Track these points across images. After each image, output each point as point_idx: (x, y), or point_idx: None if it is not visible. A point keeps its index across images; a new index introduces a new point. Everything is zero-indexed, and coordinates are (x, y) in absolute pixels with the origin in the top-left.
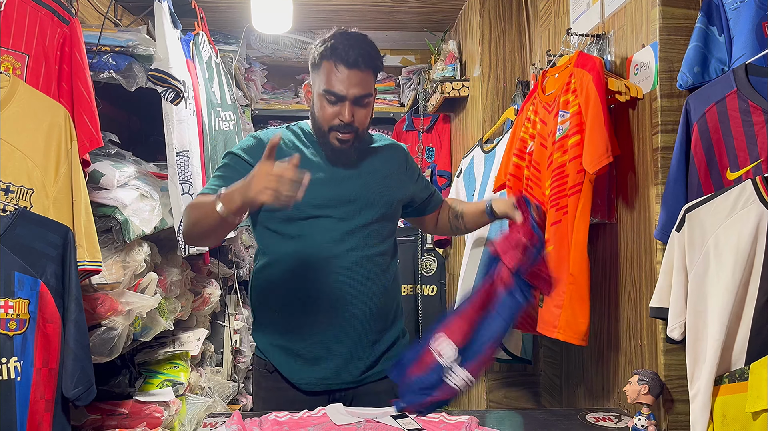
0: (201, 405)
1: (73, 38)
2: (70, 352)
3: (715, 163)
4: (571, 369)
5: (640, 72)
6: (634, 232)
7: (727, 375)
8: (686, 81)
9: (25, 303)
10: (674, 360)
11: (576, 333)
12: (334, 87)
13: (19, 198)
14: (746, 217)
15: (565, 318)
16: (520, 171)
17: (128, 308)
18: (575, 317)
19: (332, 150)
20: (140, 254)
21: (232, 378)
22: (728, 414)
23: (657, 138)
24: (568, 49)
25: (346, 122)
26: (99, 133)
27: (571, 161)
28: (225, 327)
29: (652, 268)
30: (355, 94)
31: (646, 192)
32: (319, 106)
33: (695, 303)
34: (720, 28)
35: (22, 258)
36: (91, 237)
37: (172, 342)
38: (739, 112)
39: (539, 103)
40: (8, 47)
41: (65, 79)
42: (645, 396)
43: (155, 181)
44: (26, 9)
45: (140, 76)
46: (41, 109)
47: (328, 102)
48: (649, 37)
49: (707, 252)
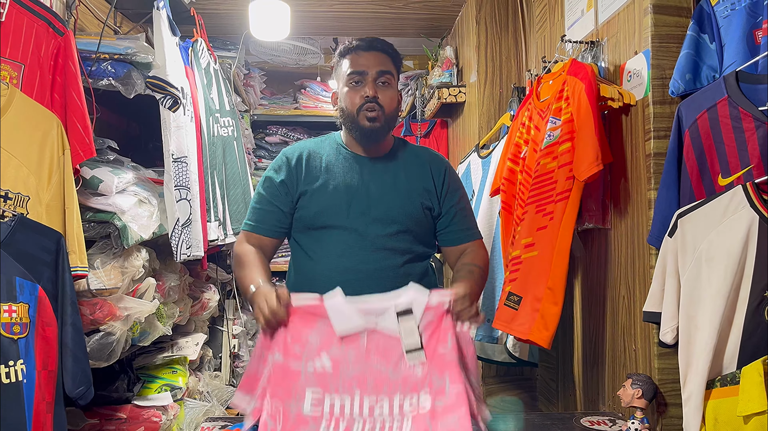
0: (199, 410)
1: (67, 49)
2: (70, 353)
3: (706, 169)
4: (567, 373)
5: (633, 79)
6: (627, 238)
7: (719, 379)
8: (678, 88)
9: (26, 308)
10: (668, 364)
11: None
12: (356, 67)
13: (16, 205)
14: (737, 223)
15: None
16: (514, 175)
17: (127, 313)
18: (545, 321)
19: (362, 132)
20: (138, 259)
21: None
22: (720, 418)
23: (650, 144)
24: (562, 55)
25: (371, 96)
26: (92, 143)
27: (560, 168)
28: (223, 332)
29: (646, 273)
30: (375, 68)
31: (640, 197)
32: (345, 95)
33: (687, 308)
34: (711, 36)
35: (22, 263)
36: (81, 243)
37: (171, 347)
38: (730, 118)
39: (534, 109)
40: (6, 56)
41: (58, 89)
42: (639, 399)
43: (153, 187)
44: (23, 20)
45: (139, 83)
46: (36, 117)
47: (353, 85)
48: (642, 45)
49: (699, 257)
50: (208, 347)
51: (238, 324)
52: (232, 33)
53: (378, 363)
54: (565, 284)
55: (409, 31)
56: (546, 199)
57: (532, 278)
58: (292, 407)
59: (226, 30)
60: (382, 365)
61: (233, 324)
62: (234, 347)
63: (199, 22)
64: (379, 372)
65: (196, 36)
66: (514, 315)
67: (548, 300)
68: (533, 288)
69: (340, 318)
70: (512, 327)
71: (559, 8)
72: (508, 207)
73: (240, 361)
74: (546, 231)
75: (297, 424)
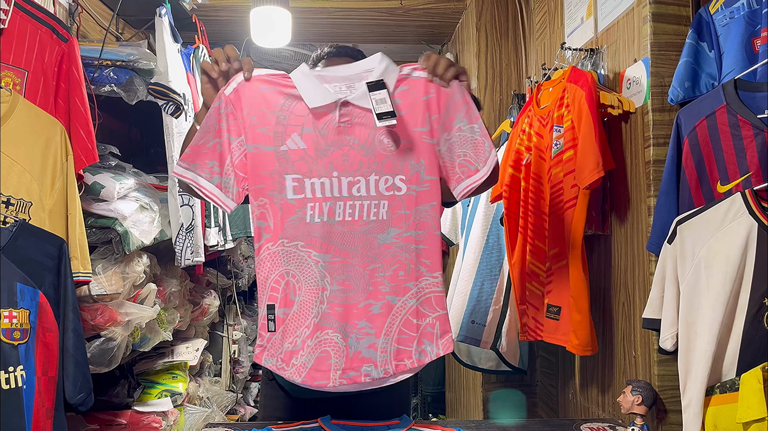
0: (199, 416)
1: (71, 56)
2: (72, 359)
3: (705, 176)
4: (567, 380)
5: (633, 86)
6: (627, 244)
7: (719, 386)
8: (677, 95)
9: (27, 314)
10: (667, 371)
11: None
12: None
13: (18, 210)
14: (736, 230)
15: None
16: (517, 182)
17: (127, 319)
18: (574, 331)
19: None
20: (139, 265)
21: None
22: (720, 424)
23: (649, 151)
24: (562, 63)
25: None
26: (95, 149)
27: (566, 176)
28: (224, 337)
29: (645, 280)
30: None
31: (639, 204)
32: None
33: (687, 315)
34: (710, 44)
35: (23, 269)
36: (83, 249)
37: (171, 353)
38: (729, 126)
39: (534, 116)
40: (9, 63)
41: (62, 95)
42: (638, 406)
43: (155, 192)
44: (27, 26)
45: (141, 89)
46: (39, 123)
47: None
48: (641, 53)
49: (698, 264)
50: (208, 353)
51: (238, 329)
52: (233, 40)
53: (352, 141)
54: (586, 291)
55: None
56: (561, 208)
57: (564, 287)
58: (276, 198)
59: (227, 37)
60: (357, 143)
61: (233, 330)
62: (234, 353)
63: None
64: (354, 151)
65: (198, 42)
66: (557, 326)
67: (573, 309)
68: (566, 298)
69: (310, 88)
70: (558, 338)
71: (559, 16)
72: (512, 214)
73: (240, 367)
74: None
75: (284, 214)
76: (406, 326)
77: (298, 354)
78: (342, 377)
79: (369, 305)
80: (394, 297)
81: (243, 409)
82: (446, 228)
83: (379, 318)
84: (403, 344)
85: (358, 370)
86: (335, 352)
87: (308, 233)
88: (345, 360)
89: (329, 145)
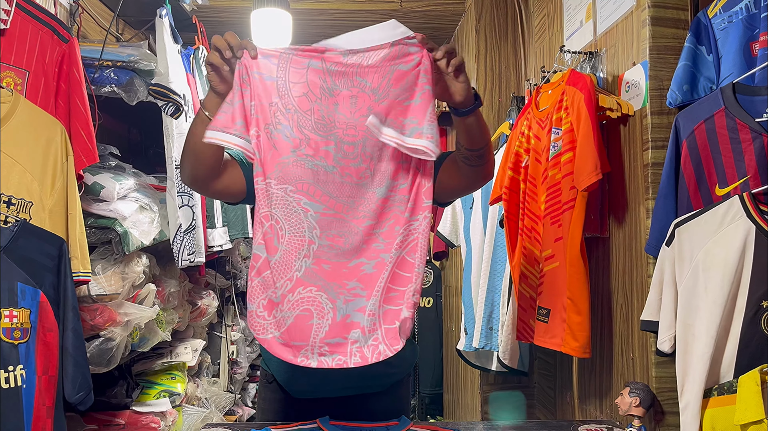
0: (197, 416)
1: (71, 56)
2: (71, 358)
3: (704, 179)
4: (565, 381)
5: (631, 89)
6: (625, 247)
7: (716, 388)
8: (675, 99)
9: (27, 313)
10: (665, 373)
11: (574, 349)
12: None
13: (19, 210)
14: (734, 233)
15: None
16: (516, 184)
17: (127, 319)
18: (572, 332)
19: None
20: (139, 265)
21: (228, 389)
22: (717, 426)
23: (647, 154)
24: (561, 66)
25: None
26: (95, 149)
27: (564, 178)
28: (222, 338)
29: (644, 282)
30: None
31: (637, 207)
32: None
33: (684, 317)
34: (708, 48)
35: (24, 269)
36: (83, 249)
37: (170, 353)
38: (727, 129)
39: (533, 119)
40: (10, 63)
41: (62, 96)
42: (636, 408)
43: (154, 193)
44: (28, 27)
45: (141, 90)
46: (40, 124)
47: None
48: (640, 56)
49: (696, 266)
50: (207, 353)
51: (236, 330)
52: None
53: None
54: (586, 292)
55: None
56: (557, 209)
57: (556, 290)
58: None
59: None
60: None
61: (231, 331)
62: (232, 353)
63: (201, 30)
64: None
65: (198, 43)
66: (546, 328)
67: (571, 311)
68: (559, 300)
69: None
70: (546, 341)
71: (558, 19)
72: (512, 216)
73: (238, 367)
74: (561, 242)
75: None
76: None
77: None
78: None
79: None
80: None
81: (241, 410)
82: (446, 230)
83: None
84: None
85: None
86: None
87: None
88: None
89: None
